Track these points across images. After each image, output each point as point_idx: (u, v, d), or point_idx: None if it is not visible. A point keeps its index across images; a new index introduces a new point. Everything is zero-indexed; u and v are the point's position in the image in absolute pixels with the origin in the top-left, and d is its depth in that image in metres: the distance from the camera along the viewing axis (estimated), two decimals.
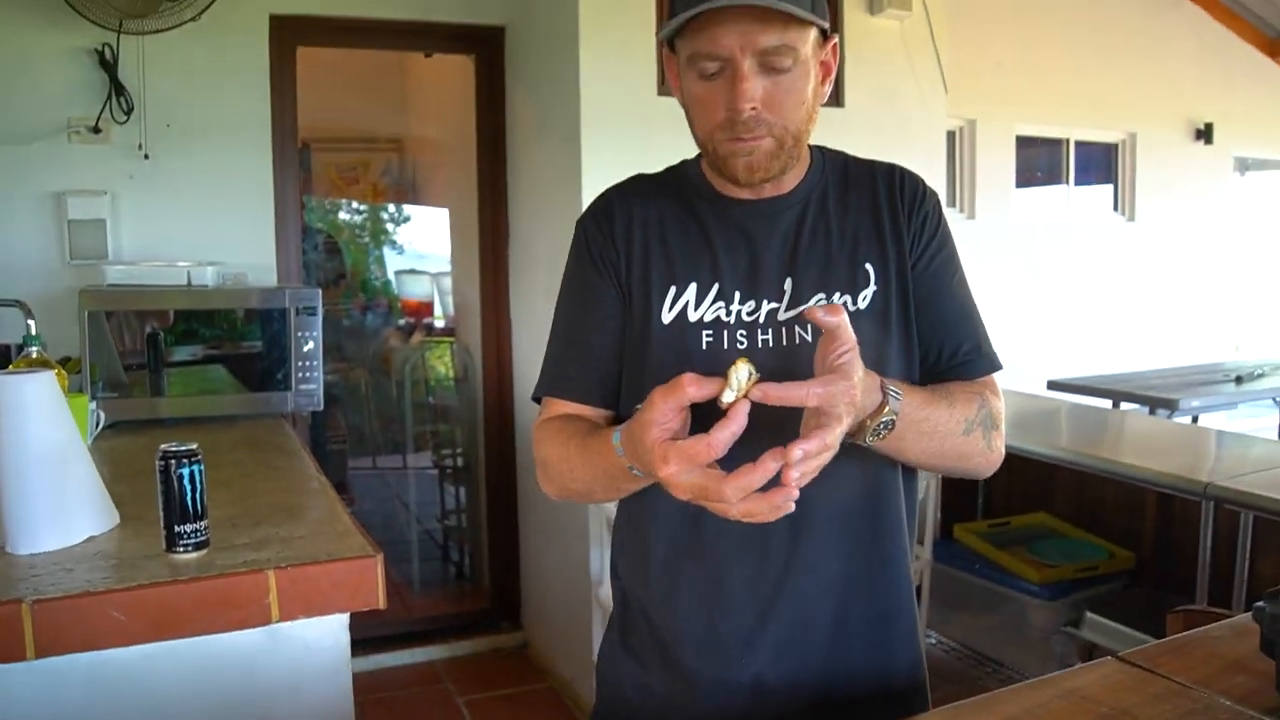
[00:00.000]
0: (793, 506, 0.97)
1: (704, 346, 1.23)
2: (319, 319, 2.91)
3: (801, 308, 1.22)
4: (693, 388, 0.97)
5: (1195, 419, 4.50)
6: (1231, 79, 6.18)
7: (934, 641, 3.50)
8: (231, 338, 2.93)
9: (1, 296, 2.80)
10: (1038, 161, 5.77)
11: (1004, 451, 1.30)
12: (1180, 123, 6.07)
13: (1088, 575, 3.18)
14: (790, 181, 1.28)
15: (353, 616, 1.52)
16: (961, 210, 5.29)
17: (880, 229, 1.29)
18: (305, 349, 2.90)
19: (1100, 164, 5.99)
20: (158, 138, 3.27)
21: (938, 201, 1.34)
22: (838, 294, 1.24)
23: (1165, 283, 5.95)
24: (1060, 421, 3.69)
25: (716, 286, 1.25)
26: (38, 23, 3.10)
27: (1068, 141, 5.77)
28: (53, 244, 3.20)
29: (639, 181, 1.37)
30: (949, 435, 1.21)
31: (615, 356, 1.30)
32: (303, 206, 4.51)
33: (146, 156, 3.26)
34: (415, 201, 6.50)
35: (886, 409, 1.10)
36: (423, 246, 6.43)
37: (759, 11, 1.11)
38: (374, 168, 6.48)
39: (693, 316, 1.24)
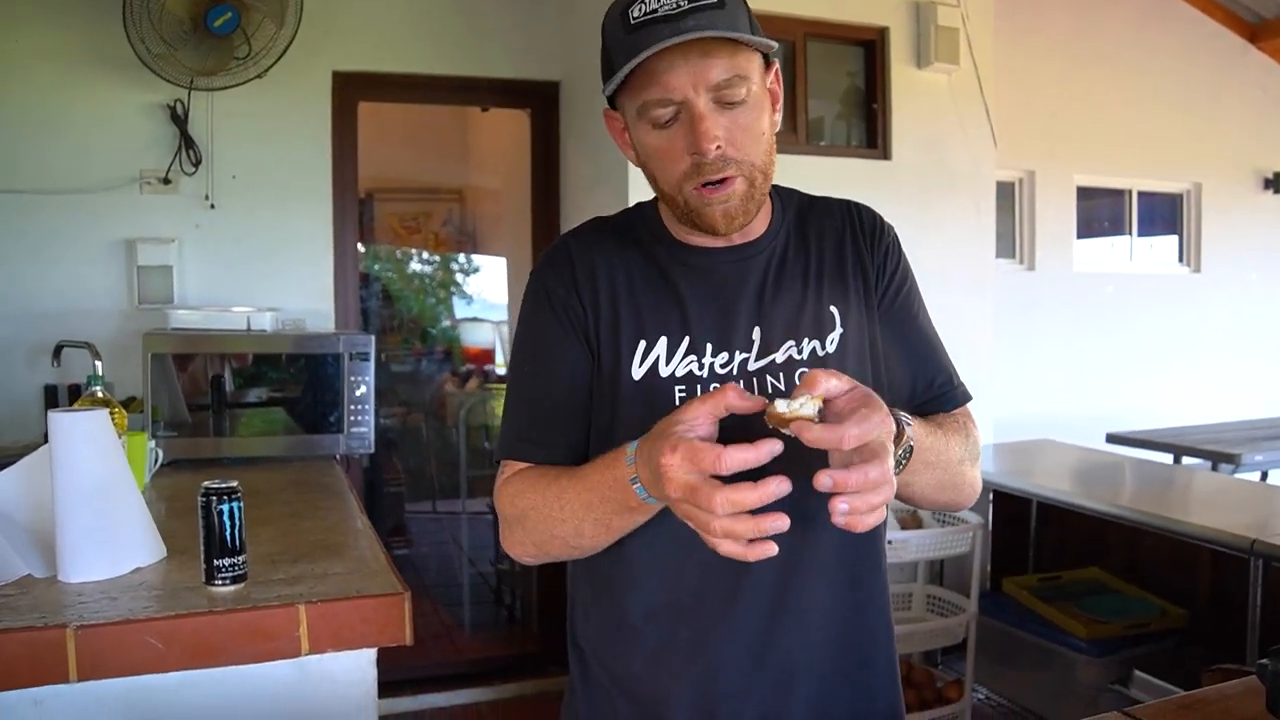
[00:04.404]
0: (774, 549, 0.91)
1: (677, 402, 1.16)
2: (371, 364, 2.99)
3: (771, 356, 1.19)
4: (734, 395, 0.93)
5: (1265, 475, 4.39)
6: None
7: (982, 697, 3.44)
8: (289, 381, 3.02)
9: (73, 338, 2.94)
10: (1101, 212, 5.71)
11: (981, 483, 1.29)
12: (1247, 172, 5.96)
13: (1139, 632, 3.11)
14: (758, 227, 1.24)
15: (403, 657, 1.53)
16: (1021, 261, 5.23)
17: (843, 267, 1.25)
18: (358, 393, 2.97)
19: (1165, 214, 5.90)
20: (223, 188, 3.42)
21: (896, 234, 1.31)
22: (806, 339, 1.20)
23: (1231, 334, 5.82)
24: (1115, 476, 3.63)
25: (687, 340, 1.19)
26: (116, 80, 3.27)
27: (1130, 192, 5.71)
28: (122, 288, 3.34)
29: (598, 228, 1.32)
30: (949, 465, 1.17)
31: (583, 414, 1.21)
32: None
33: (212, 206, 3.41)
34: (475, 250, 6.63)
35: (905, 436, 1.05)
36: (485, 294, 6.56)
37: (703, 46, 1.06)
38: (435, 217, 6.62)
39: (664, 371, 1.18)
